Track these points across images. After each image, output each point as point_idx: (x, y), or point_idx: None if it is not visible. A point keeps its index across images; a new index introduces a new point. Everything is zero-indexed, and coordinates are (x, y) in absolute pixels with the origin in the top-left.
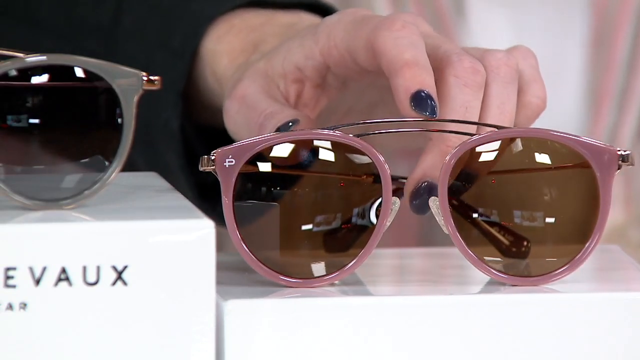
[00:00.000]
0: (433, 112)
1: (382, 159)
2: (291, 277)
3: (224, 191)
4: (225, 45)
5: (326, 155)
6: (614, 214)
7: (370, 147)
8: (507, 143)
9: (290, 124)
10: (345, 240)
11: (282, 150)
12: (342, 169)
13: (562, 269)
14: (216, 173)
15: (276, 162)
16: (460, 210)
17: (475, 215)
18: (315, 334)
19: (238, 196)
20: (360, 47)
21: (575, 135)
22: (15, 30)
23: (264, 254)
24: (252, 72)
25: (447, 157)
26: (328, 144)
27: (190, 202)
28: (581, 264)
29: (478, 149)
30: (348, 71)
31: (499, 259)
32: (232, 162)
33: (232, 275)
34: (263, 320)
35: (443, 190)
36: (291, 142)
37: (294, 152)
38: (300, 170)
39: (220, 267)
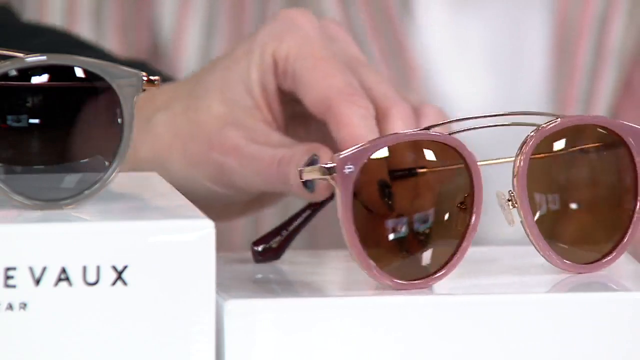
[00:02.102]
0: None
1: (475, 159)
2: (403, 280)
3: (343, 199)
4: None
5: (433, 155)
6: None
7: (465, 146)
8: (570, 131)
9: (315, 157)
10: (448, 240)
11: (393, 152)
12: (445, 169)
13: (608, 257)
14: (333, 180)
15: (389, 165)
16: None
17: (547, 204)
18: (315, 334)
19: (356, 203)
20: (312, 95)
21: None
22: None
23: (379, 258)
24: (217, 121)
25: (523, 148)
26: (435, 145)
27: (191, 202)
28: (625, 249)
29: (547, 140)
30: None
31: (565, 246)
32: (351, 168)
33: (232, 275)
34: (263, 321)
35: (522, 181)
36: (402, 144)
37: (403, 154)
38: (410, 172)
39: (221, 267)
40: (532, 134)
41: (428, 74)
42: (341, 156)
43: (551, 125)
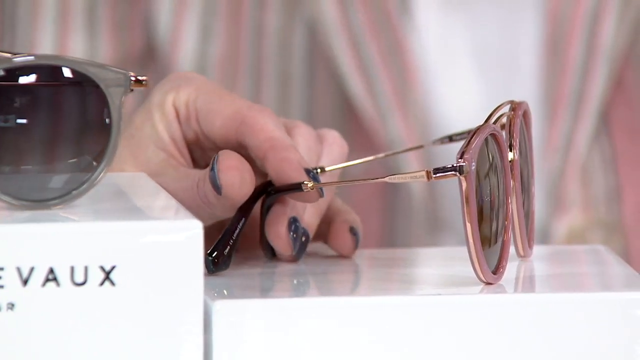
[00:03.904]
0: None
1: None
2: (494, 274)
3: (469, 195)
4: None
5: (499, 149)
6: (574, 218)
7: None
8: None
9: (216, 160)
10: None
11: (488, 145)
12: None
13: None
14: (465, 179)
15: (489, 157)
16: None
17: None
18: (304, 333)
19: (477, 198)
20: (222, 117)
21: None
22: None
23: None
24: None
25: (513, 141)
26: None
27: (178, 203)
28: None
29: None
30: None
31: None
32: (474, 165)
33: (220, 275)
34: (251, 321)
35: (517, 174)
36: (489, 135)
37: (483, 150)
38: (492, 165)
39: None
40: (517, 126)
41: (426, 75)
42: (466, 155)
43: (521, 113)
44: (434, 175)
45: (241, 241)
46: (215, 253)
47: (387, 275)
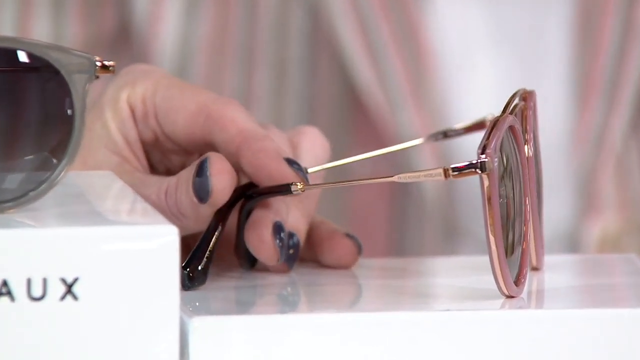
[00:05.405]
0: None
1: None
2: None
3: (491, 195)
4: None
5: (515, 141)
6: (608, 221)
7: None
8: None
9: (205, 159)
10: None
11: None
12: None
13: None
14: (487, 177)
15: (504, 153)
16: None
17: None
18: (292, 355)
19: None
20: (185, 113)
21: None
22: None
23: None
24: None
25: (527, 135)
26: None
27: (151, 206)
28: None
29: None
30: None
31: None
32: (496, 161)
33: (198, 289)
34: (233, 339)
35: (532, 170)
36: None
37: (508, 143)
38: (510, 161)
39: None
40: (531, 118)
41: (443, 60)
42: (488, 149)
43: (532, 104)
44: (453, 174)
45: (217, 251)
46: (191, 266)
47: (392, 288)
